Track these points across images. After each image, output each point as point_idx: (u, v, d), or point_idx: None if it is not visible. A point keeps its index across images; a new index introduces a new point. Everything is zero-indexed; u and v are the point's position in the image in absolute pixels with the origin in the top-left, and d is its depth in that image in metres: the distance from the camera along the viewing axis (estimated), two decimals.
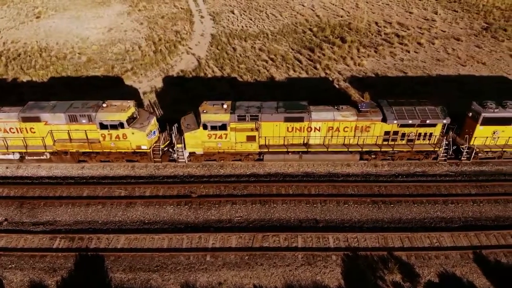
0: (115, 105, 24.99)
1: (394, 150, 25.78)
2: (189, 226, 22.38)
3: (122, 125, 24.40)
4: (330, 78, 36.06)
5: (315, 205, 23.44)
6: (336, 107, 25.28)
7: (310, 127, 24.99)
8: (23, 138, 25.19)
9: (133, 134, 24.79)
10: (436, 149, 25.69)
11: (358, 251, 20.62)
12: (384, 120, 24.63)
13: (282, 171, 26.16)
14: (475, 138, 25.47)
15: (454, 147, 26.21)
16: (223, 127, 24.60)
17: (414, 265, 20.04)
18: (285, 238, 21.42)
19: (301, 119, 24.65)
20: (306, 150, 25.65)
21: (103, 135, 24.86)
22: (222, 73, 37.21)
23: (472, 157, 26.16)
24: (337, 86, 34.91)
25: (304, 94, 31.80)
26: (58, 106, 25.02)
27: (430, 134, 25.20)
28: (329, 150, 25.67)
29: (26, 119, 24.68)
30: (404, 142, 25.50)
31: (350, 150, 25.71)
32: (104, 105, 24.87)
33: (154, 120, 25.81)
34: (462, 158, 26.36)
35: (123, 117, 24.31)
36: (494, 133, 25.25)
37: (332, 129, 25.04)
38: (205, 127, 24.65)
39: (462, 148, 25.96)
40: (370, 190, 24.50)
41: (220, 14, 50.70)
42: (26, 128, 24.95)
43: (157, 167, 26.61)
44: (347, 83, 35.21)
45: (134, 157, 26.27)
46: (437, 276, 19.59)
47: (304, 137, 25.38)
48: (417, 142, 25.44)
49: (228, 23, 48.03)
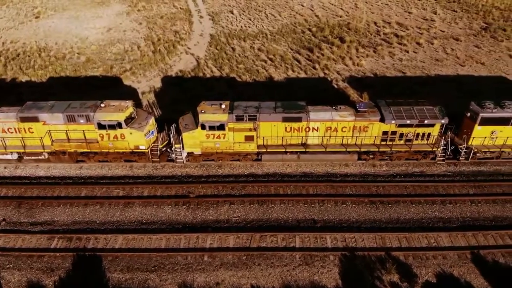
0: (113, 105, 25.00)
1: (392, 150, 25.79)
2: (187, 226, 22.39)
3: (120, 125, 24.41)
4: (329, 78, 36.05)
5: (313, 205, 23.44)
6: (334, 107, 25.28)
7: (308, 127, 24.99)
8: (22, 138, 25.21)
9: (131, 134, 24.80)
10: (434, 149, 25.69)
11: (356, 251, 20.61)
12: (382, 120, 24.64)
13: (280, 171, 26.17)
14: (473, 138, 25.47)
15: (452, 147, 26.23)
16: (221, 127, 24.59)
17: (412, 265, 20.03)
18: (283, 238, 21.43)
19: (299, 119, 24.64)
20: (304, 150, 25.65)
21: (101, 135, 24.86)
22: (221, 73, 37.20)
23: (470, 157, 26.18)
24: (335, 86, 34.91)
25: (302, 94, 31.79)
26: (56, 106, 25.04)
27: (428, 134, 25.21)
28: (327, 150, 25.68)
29: (24, 119, 24.70)
30: (402, 142, 25.50)
31: (348, 150, 25.72)
32: (102, 105, 24.87)
33: (152, 120, 25.83)
34: (460, 158, 26.36)
35: (121, 117, 24.32)
36: (492, 133, 25.26)
37: (330, 129, 25.05)
38: (203, 127, 24.65)
39: (460, 148, 25.97)
40: (368, 190, 24.51)
41: (219, 14, 50.71)
42: (24, 128, 24.97)
43: (155, 167, 26.61)
44: (346, 83, 35.20)
45: (132, 157, 26.27)
46: (434, 276, 19.58)
47: (302, 137, 25.38)
48: (415, 142, 25.46)
49: (227, 23, 48.02)
